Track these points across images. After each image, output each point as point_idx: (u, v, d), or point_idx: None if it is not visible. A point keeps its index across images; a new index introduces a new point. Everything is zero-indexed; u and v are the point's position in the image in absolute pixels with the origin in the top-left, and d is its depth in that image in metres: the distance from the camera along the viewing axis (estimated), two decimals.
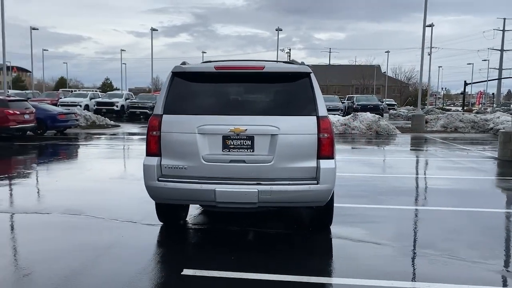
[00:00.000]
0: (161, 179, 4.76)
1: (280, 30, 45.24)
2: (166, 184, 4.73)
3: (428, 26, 34.63)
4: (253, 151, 4.73)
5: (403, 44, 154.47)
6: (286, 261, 4.45)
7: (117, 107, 30.66)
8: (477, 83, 73.12)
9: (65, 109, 22.48)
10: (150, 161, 4.82)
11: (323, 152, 4.72)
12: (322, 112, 4.78)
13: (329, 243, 5.11)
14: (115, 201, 7.00)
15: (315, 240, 5.18)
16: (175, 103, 4.87)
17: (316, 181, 4.67)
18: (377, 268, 4.32)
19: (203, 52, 60.59)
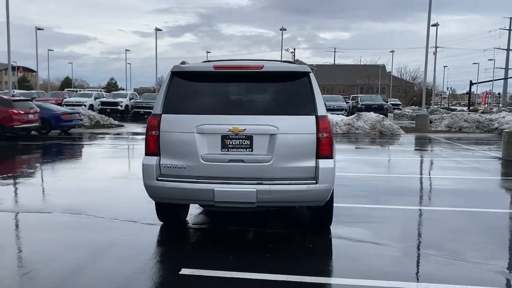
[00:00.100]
0: (160, 178, 4.75)
1: (284, 29, 45.19)
2: (165, 183, 4.72)
3: (433, 25, 34.49)
4: (252, 151, 4.71)
5: (408, 43, 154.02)
6: (285, 261, 4.43)
7: (122, 107, 30.79)
8: (483, 82, 72.83)
9: (70, 109, 22.57)
10: (149, 161, 4.81)
11: (322, 151, 4.69)
12: (321, 111, 4.75)
13: (329, 243, 5.08)
14: (116, 201, 7.02)
15: (315, 240, 5.15)
16: (174, 102, 4.86)
17: (315, 181, 4.64)
18: (377, 268, 4.29)
19: (208, 52, 60.84)
